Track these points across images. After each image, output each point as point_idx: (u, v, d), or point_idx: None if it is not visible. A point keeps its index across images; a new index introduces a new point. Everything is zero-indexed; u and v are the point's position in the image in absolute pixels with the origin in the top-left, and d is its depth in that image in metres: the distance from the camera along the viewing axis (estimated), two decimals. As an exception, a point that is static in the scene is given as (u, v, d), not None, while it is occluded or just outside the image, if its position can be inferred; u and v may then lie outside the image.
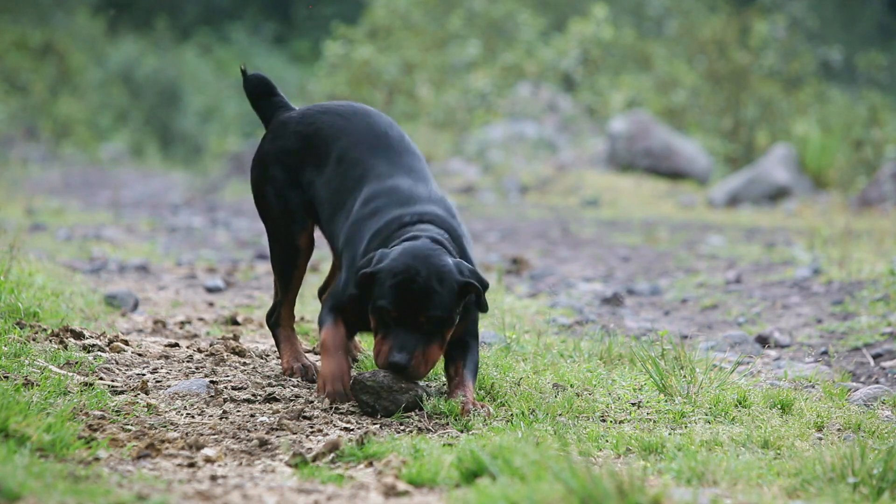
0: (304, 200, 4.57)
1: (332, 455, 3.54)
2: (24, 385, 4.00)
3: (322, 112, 4.60)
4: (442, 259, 4.05)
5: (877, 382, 5.09)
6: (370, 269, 4.05)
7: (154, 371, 4.56)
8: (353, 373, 4.25)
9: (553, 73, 20.27)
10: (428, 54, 20.79)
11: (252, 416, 4.01)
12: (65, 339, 4.74)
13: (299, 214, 4.57)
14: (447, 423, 3.98)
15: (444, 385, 4.39)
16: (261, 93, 4.71)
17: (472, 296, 4.12)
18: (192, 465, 3.49)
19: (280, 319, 4.70)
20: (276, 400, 4.22)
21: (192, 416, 3.99)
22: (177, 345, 5.06)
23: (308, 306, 6.26)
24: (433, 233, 4.16)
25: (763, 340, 5.89)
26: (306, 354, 4.84)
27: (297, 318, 5.82)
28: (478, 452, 3.33)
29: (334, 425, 3.95)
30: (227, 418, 3.97)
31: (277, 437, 3.76)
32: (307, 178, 4.55)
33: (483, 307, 4.15)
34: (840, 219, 11.29)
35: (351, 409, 4.13)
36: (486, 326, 5.53)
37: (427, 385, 4.30)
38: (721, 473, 3.38)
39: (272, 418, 3.97)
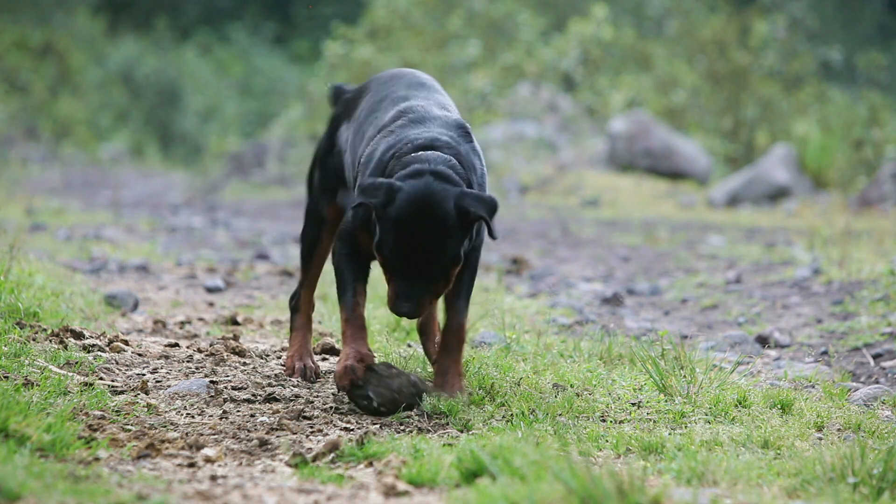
0: (337, 168, 4.61)
1: (332, 455, 3.54)
2: (24, 385, 4.00)
3: (369, 80, 4.72)
4: (446, 203, 3.96)
5: (877, 382, 5.09)
6: (374, 202, 3.96)
7: (154, 371, 4.56)
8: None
9: (553, 73, 20.26)
10: (428, 54, 20.79)
11: (252, 416, 4.01)
12: (65, 339, 4.74)
13: (331, 184, 4.62)
14: (447, 423, 3.98)
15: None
16: (338, 97, 4.87)
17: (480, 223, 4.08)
18: (192, 465, 3.49)
19: (299, 303, 4.72)
20: (276, 400, 4.22)
21: (192, 416, 3.99)
22: (177, 345, 5.06)
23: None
24: (439, 163, 4.04)
25: (763, 340, 5.89)
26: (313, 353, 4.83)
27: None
28: (478, 452, 3.33)
29: (334, 425, 3.95)
30: (227, 418, 3.97)
31: (277, 437, 3.76)
32: (341, 136, 4.63)
33: (492, 234, 4.04)
34: (840, 219, 11.29)
35: (351, 409, 4.13)
36: (486, 326, 5.53)
37: (424, 382, 4.30)
38: (721, 473, 3.38)
39: (272, 418, 3.97)
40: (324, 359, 5.02)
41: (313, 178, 4.73)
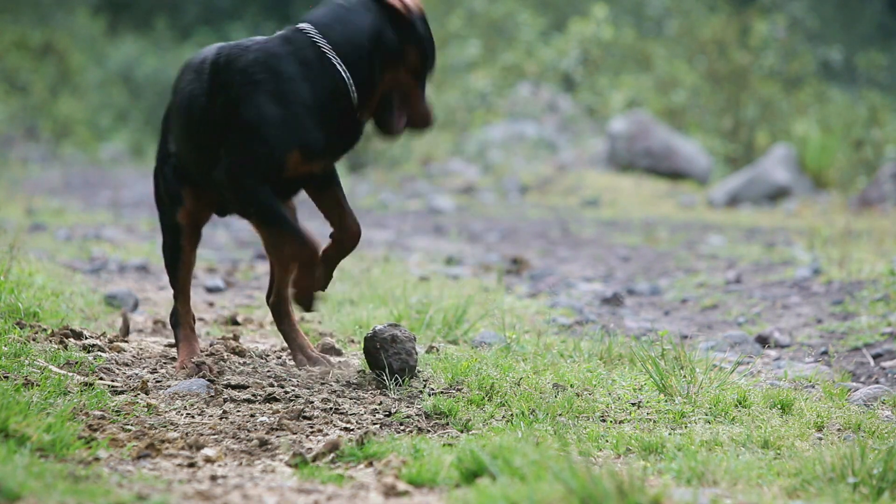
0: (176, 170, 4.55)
1: (332, 455, 3.54)
2: (24, 385, 4.00)
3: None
4: None
5: (877, 382, 5.09)
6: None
7: (154, 371, 4.56)
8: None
9: (553, 73, 20.27)
10: (428, 54, 20.76)
11: (252, 416, 4.01)
12: (65, 339, 4.74)
13: (176, 188, 4.55)
14: (447, 423, 3.98)
15: (439, 389, 4.39)
16: None
17: None
18: (192, 465, 3.49)
19: (179, 317, 4.66)
20: (276, 400, 4.22)
21: (192, 416, 3.99)
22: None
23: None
24: None
25: (763, 340, 5.89)
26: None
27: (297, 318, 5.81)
28: (478, 452, 3.33)
29: (334, 425, 3.95)
30: (227, 418, 3.97)
31: (277, 437, 3.75)
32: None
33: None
34: (840, 219, 11.29)
35: (351, 409, 4.12)
36: (486, 326, 5.53)
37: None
38: (721, 473, 3.38)
39: (272, 418, 3.97)
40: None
41: (160, 184, 4.57)
